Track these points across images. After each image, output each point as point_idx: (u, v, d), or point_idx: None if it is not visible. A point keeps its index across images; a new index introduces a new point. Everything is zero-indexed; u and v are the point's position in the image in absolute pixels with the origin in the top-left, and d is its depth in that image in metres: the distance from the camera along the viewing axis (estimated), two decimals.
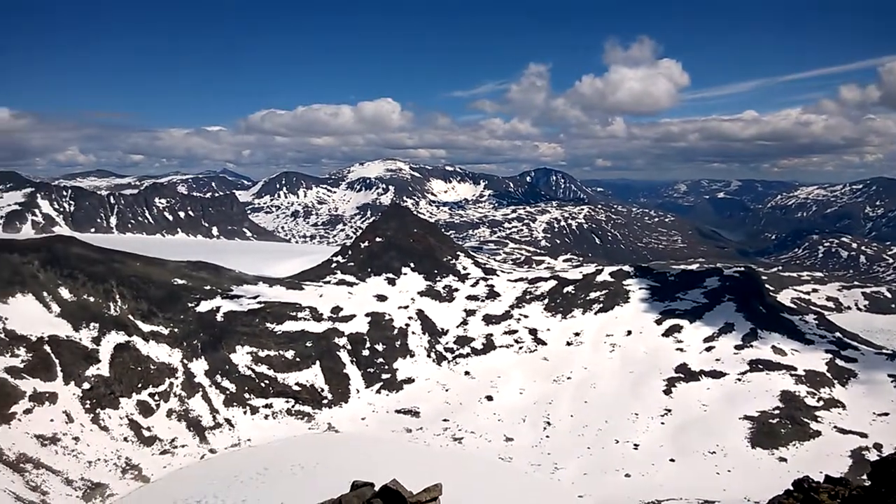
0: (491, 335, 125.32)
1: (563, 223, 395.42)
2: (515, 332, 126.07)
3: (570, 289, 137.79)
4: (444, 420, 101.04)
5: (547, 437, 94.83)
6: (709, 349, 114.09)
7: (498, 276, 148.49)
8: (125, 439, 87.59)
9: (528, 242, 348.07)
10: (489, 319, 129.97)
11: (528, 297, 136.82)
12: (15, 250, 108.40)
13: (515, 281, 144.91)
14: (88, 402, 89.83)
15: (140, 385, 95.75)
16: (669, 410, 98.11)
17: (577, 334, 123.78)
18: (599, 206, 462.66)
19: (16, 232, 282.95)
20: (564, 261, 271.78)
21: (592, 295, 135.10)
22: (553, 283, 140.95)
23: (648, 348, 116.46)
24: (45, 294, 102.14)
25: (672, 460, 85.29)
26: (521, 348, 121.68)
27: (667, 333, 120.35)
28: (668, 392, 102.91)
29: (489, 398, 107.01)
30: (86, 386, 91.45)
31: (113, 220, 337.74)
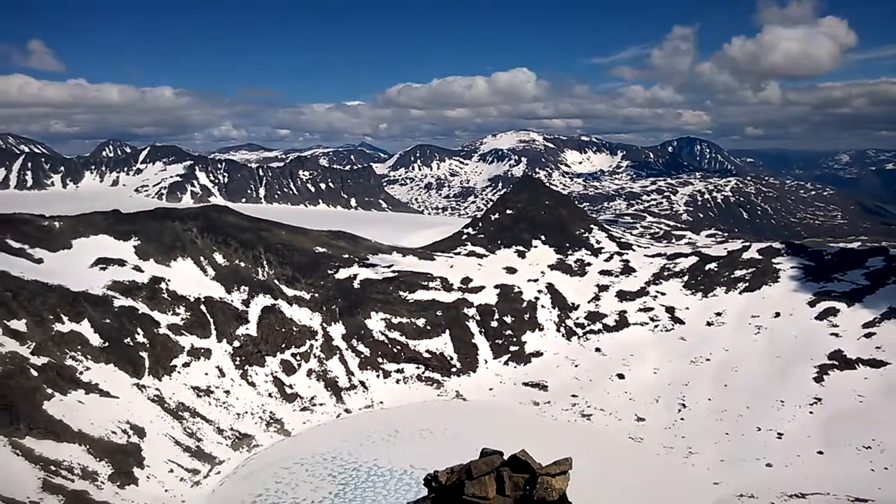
0: (624, 312, 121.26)
1: (706, 196, 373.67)
2: (651, 309, 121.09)
3: (712, 266, 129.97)
4: (573, 395, 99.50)
5: (682, 419, 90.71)
6: (868, 335, 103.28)
7: (634, 250, 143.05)
8: (269, 395, 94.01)
9: (667, 216, 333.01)
10: (623, 295, 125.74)
11: (665, 273, 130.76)
12: (177, 218, 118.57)
13: (653, 256, 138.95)
14: (238, 358, 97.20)
15: (284, 345, 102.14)
16: (819, 399, 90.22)
17: (718, 314, 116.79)
18: (748, 178, 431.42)
19: (177, 201, 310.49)
20: (707, 236, 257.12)
21: (737, 273, 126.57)
22: (694, 259, 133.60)
23: (799, 332, 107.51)
24: (201, 258, 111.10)
25: (820, 452, 78.59)
26: (656, 326, 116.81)
27: (820, 317, 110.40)
28: (819, 380, 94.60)
29: (620, 376, 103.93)
30: (236, 344, 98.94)
31: (261, 191, 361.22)
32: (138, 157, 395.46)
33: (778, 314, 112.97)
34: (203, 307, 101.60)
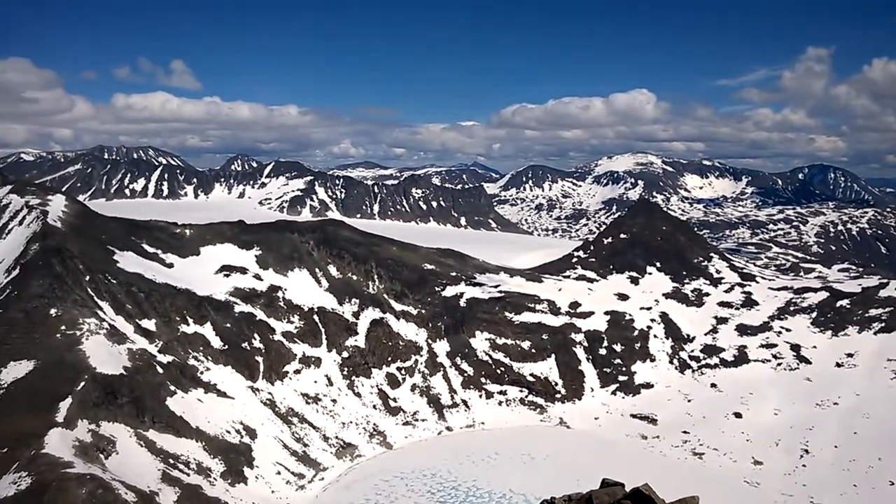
0: (744, 347, 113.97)
1: (840, 227, 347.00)
2: (774, 346, 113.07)
3: (844, 302, 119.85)
4: (684, 432, 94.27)
5: (803, 465, 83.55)
6: None
7: (757, 282, 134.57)
8: (374, 407, 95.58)
9: (795, 247, 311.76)
10: (743, 329, 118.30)
11: (792, 308, 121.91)
12: (295, 231, 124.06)
13: (778, 289, 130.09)
14: (346, 369, 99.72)
15: (390, 359, 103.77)
16: None
17: (849, 355, 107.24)
18: (888, 210, 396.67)
19: (297, 214, 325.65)
20: (840, 270, 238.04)
21: (873, 312, 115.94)
22: (824, 294, 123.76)
23: None
24: (317, 270, 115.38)
25: None
26: (779, 364, 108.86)
27: None
28: None
29: (737, 415, 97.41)
30: (345, 354, 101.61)
31: (375, 207, 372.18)
32: (263, 171, 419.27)
33: None
34: (316, 317, 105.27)
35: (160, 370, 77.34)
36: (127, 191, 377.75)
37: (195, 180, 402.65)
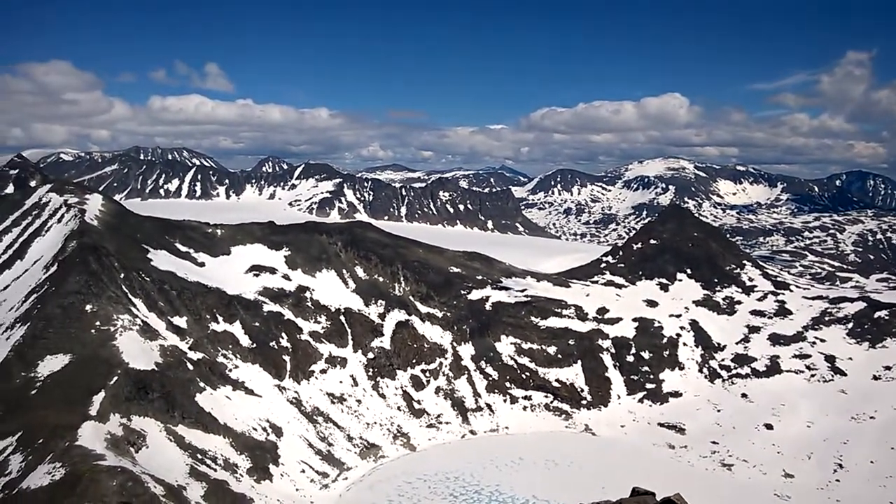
0: (777, 357, 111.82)
1: (879, 236, 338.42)
2: (808, 356, 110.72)
3: (883, 314, 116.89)
4: (713, 442, 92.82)
5: (837, 480, 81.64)
6: None
7: (791, 291, 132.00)
8: (398, 408, 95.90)
9: (832, 256, 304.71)
10: (776, 339, 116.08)
11: (826, 318, 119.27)
12: (324, 232, 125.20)
13: (812, 299, 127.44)
14: (371, 369, 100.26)
15: (414, 361, 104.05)
16: None
17: (887, 368, 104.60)
18: None
19: (325, 216, 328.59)
20: (878, 280, 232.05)
21: None
22: (861, 305, 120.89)
23: None
24: (344, 271, 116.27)
25: None
26: (812, 376, 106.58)
27: None
28: None
29: (768, 426, 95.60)
30: (370, 355, 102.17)
31: (403, 210, 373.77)
32: (294, 173, 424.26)
33: None
34: (342, 318, 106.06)
35: (190, 367, 78.63)
36: (161, 191, 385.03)
37: (227, 181, 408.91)
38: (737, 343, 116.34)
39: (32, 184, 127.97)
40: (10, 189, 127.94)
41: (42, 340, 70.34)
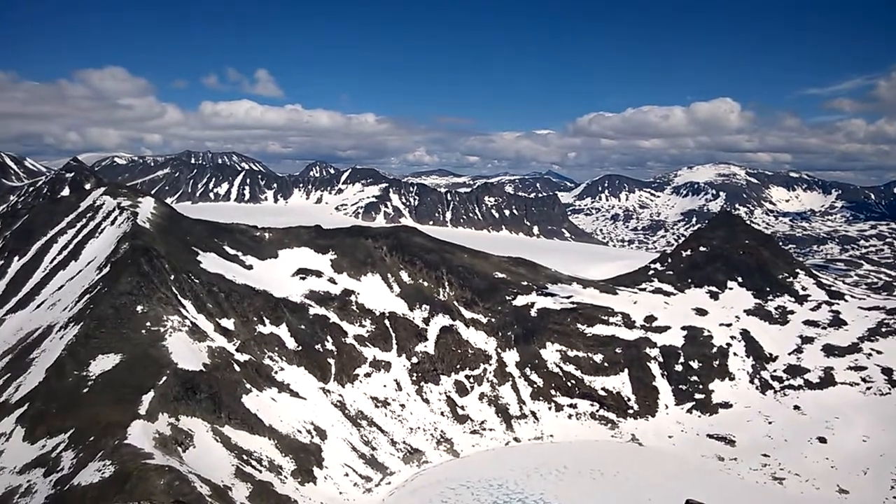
0: (831, 369, 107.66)
1: None
2: (864, 368, 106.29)
3: None
4: (764, 455, 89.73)
5: (894, 497, 78.08)
6: None
7: (846, 301, 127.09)
8: (442, 414, 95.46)
9: (889, 265, 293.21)
10: (830, 350, 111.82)
11: (884, 329, 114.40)
12: (369, 236, 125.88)
13: (868, 309, 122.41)
14: (415, 374, 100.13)
15: (458, 366, 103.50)
16: None
17: None
18: None
19: (371, 220, 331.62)
20: None
21: None
22: None
23: None
24: (389, 276, 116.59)
25: None
26: (868, 389, 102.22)
27: None
28: None
29: (822, 440, 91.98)
30: (414, 360, 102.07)
31: (448, 215, 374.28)
32: (340, 177, 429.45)
33: None
34: (387, 322, 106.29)
35: (237, 368, 79.74)
36: (211, 194, 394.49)
37: (275, 185, 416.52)
38: (789, 354, 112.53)
39: (87, 187, 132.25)
40: (66, 192, 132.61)
41: (94, 340, 72.20)
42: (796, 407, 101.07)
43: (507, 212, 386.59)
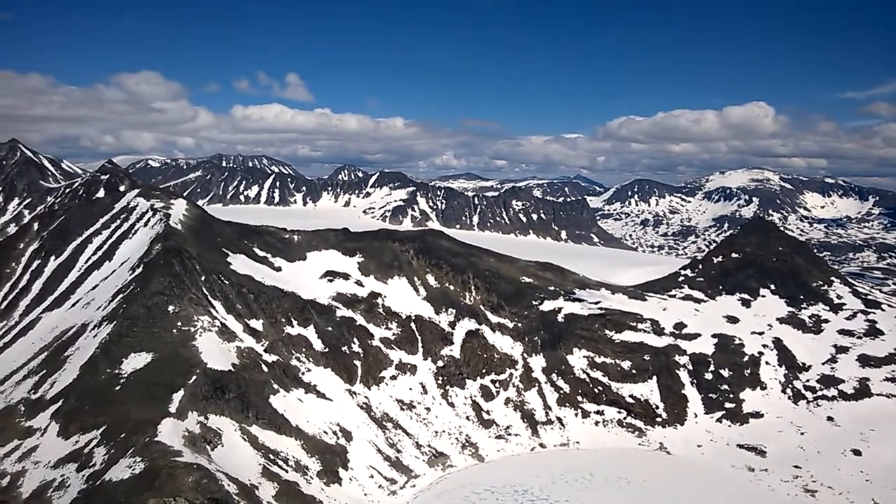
0: (866, 379, 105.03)
1: None
2: None
3: None
4: (796, 466, 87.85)
5: None
6: None
7: (883, 310, 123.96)
8: (467, 418, 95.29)
9: None
10: (866, 360, 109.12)
11: None
12: (397, 240, 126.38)
13: None
14: (440, 378, 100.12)
15: (484, 370, 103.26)
16: None
17: None
18: None
19: (398, 224, 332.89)
20: None
21: None
22: None
23: None
24: (415, 279, 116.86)
25: None
26: None
27: None
28: None
29: (857, 452, 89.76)
30: (440, 363, 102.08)
31: (475, 219, 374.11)
32: (368, 181, 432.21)
33: None
34: (413, 325, 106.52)
35: (265, 369, 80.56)
36: (242, 197, 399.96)
37: (304, 188, 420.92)
38: (823, 363, 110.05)
39: (122, 189, 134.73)
40: (101, 193, 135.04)
41: (127, 339, 73.63)
42: (830, 418, 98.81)
43: (534, 216, 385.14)
